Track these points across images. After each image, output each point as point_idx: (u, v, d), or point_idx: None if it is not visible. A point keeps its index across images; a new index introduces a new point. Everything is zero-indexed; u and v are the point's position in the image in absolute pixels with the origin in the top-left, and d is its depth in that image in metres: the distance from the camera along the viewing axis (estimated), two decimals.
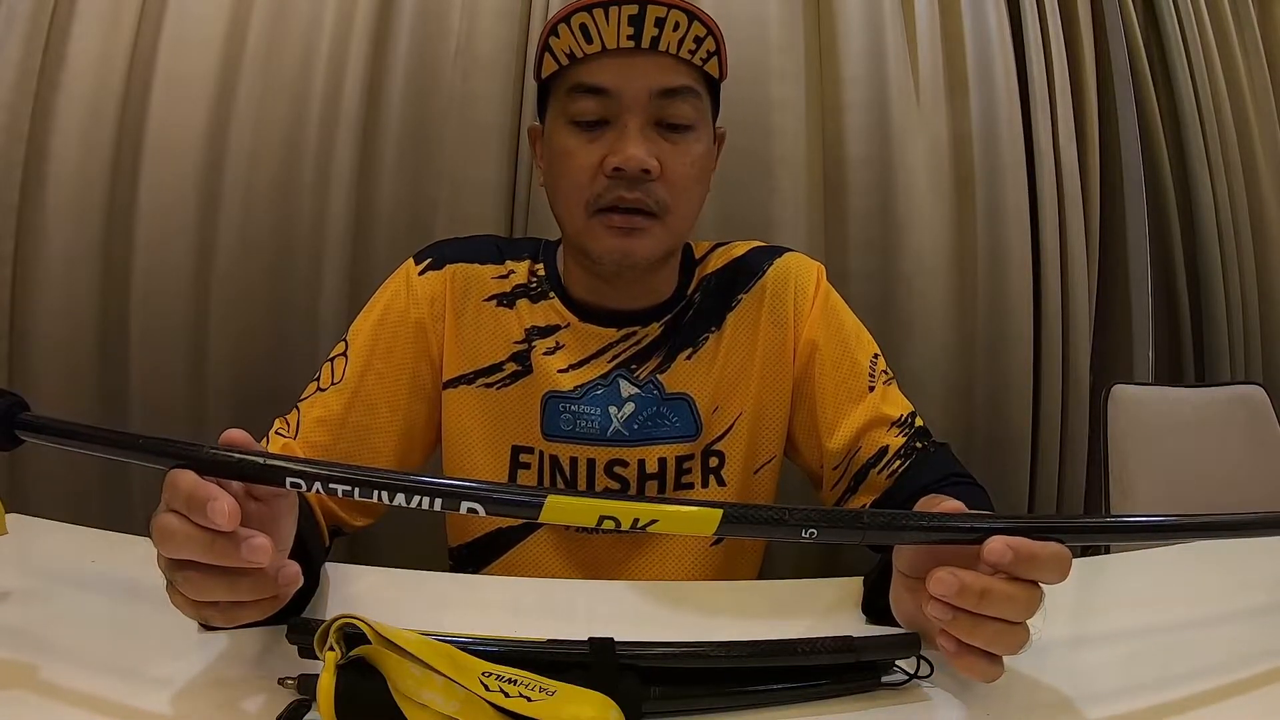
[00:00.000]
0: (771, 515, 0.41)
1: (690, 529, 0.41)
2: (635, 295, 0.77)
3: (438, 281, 0.78)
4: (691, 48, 0.69)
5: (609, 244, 0.70)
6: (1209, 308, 1.58)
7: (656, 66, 0.68)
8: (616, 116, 0.69)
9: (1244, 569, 0.70)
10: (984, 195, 1.41)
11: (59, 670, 0.45)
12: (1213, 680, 0.49)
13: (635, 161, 0.67)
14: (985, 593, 0.41)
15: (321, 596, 0.58)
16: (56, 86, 1.26)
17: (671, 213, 0.71)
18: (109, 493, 1.31)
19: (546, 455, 0.76)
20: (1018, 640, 0.43)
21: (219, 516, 0.39)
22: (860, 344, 0.79)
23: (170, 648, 0.48)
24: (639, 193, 0.69)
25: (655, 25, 0.67)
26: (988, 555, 0.41)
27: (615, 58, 0.68)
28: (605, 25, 0.67)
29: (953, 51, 1.44)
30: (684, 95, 0.70)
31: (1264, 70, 1.65)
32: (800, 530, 0.41)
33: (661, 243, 0.72)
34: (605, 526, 0.41)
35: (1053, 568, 0.42)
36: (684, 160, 0.71)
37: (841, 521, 0.42)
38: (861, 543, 0.42)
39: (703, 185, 0.75)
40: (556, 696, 0.39)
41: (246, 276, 1.30)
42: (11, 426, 0.44)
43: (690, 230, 0.76)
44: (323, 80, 1.30)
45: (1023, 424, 1.41)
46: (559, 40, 0.69)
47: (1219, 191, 1.58)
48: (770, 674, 0.45)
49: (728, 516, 0.40)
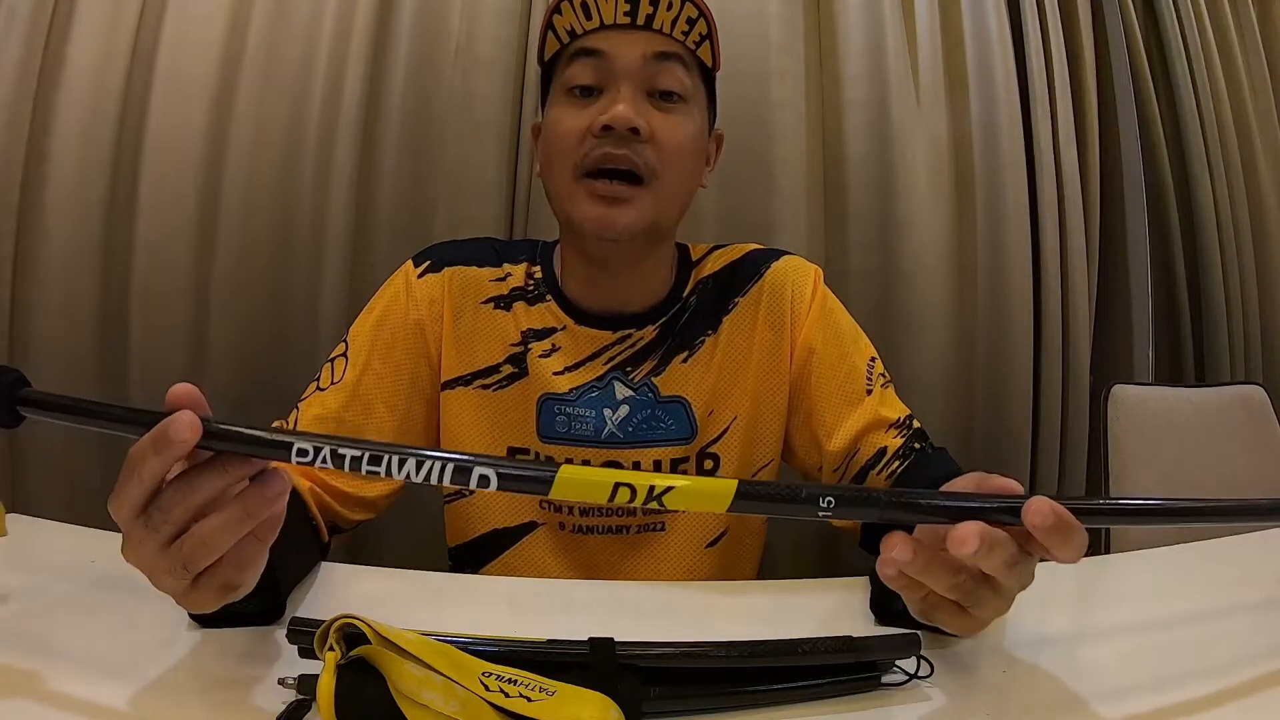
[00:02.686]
0: (786, 492, 0.41)
1: (704, 504, 0.41)
2: (631, 296, 0.77)
3: (436, 284, 0.78)
4: (685, 28, 0.71)
5: (591, 212, 0.70)
6: (1209, 308, 1.58)
7: (650, 38, 0.71)
8: (610, 82, 0.71)
9: (1244, 568, 0.70)
10: (984, 195, 1.42)
11: (59, 670, 0.45)
12: (1213, 680, 0.49)
13: (623, 119, 0.68)
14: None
15: (321, 596, 0.58)
16: (56, 86, 1.26)
17: (659, 179, 0.71)
18: (109, 493, 1.30)
19: (542, 457, 0.76)
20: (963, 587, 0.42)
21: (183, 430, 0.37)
22: (857, 347, 0.79)
23: (170, 648, 0.48)
24: (627, 150, 0.69)
25: (650, 3, 0.70)
26: (1030, 515, 0.39)
27: (612, 30, 0.71)
28: (604, 3, 0.70)
29: (953, 51, 1.44)
30: (675, 62, 0.72)
31: (1264, 70, 1.66)
32: (816, 505, 0.40)
33: (645, 213, 0.71)
34: (620, 498, 0.40)
35: (1077, 546, 0.41)
36: (675, 128, 0.71)
37: (857, 498, 0.42)
38: (879, 520, 0.42)
39: (694, 162, 0.75)
40: (556, 696, 0.39)
41: (246, 275, 1.30)
42: (13, 402, 0.43)
43: (679, 210, 0.76)
44: (323, 80, 1.30)
45: (1023, 424, 1.41)
46: (561, 18, 0.72)
47: (1219, 191, 1.58)
48: (770, 674, 0.45)
49: (741, 491, 0.40)
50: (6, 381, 0.43)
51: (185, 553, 0.40)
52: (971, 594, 0.42)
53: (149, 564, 0.41)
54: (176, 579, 0.41)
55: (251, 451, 0.40)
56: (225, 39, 1.30)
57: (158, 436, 0.38)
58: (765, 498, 0.41)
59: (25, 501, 1.26)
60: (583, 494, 0.40)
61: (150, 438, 0.39)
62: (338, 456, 0.39)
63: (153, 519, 0.39)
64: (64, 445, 1.28)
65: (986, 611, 0.44)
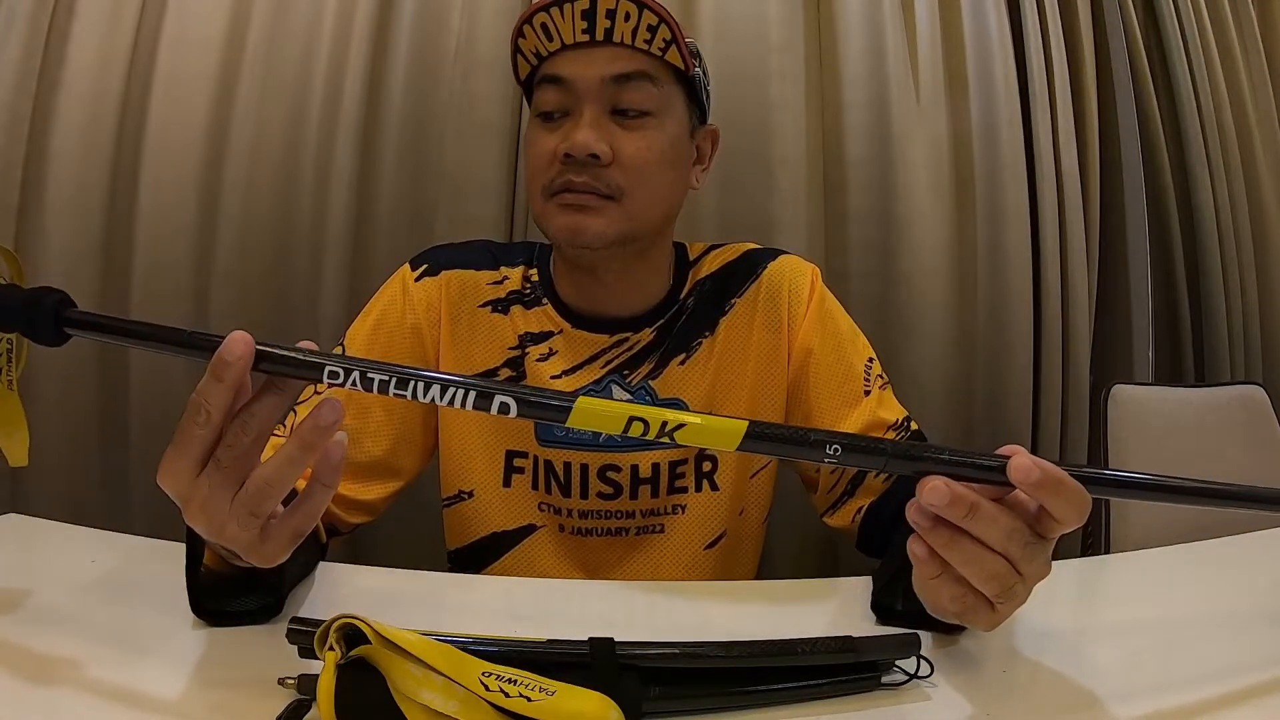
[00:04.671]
0: (795, 434, 0.42)
1: (715, 441, 0.42)
2: (625, 299, 0.77)
3: (434, 287, 0.78)
4: (647, 37, 0.70)
5: (560, 221, 0.71)
6: (1209, 308, 1.58)
7: (609, 56, 0.70)
8: (574, 106, 0.71)
9: (1244, 569, 0.71)
10: (984, 195, 1.41)
11: (59, 671, 0.45)
12: (1213, 680, 0.49)
13: (581, 146, 0.69)
14: (975, 508, 0.40)
15: (321, 596, 0.58)
16: (56, 86, 1.26)
17: (627, 196, 0.71)
18: (109, 493, 1.31)
19: (541, 460, 0.76)
20: (989, 570, 0.41)
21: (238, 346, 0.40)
22: (855, 348, 0.79)
23: (170, 648, 0.48)
24: (587, 176, 0.70)
25: (607, 17, 0.69)
26: (1014, 471, 0.39)
27: (573, 51, 0.71)
28: (562, 22, 0.70)
29: (953, 51, 1.44)
30: (637, 81, 0.71)
31: (1264, 70, 1.65)
32: (824, 449, 0.41)
33: (615, 224, 0.71)
34: (634, 431, 0.41)
35: (1074, 503, 0.40)
36: (639, 145, 0.71)
37: (864, 447, 0.42)
38: (884, 470, 0.42)
39: (671, 171, 0.74)
40: (556, 696, 0.39)
41: (246, 276, 1.30)
42: (60, 322, 0.44)
43: (659, 219, 0.75)
44: (323, 80, 1.30)
45: (1023, 424, 1.41)
46: (525, 41, 0.72)
47: (1219, 191, 1.58)
48: (770, 674, 0.45)
49: (751, 431, 0.41)
50: (52, 301, 0.44)
51: (251, 495, 0.41)
52: (1009, 589, 0.42)
53: (217, 515, 0.42)
54: (245, 528, 0.42)
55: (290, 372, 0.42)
56: (225, 39, 1.30)
57: (215, 363, 0.40)
58: (775, 439, 0.42)
59: (25, 501, 1.25)
60: (598, 424, 0.41)
61: (209, 369, 0.41)
62: (366, 379, 0.41)
63: (221, 460, 0.41)
64: (64, 445, 1.28)
65: (1013, 605, 0.43)
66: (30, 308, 0.44)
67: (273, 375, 0.42)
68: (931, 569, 0.43)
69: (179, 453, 0.41)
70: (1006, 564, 0.41)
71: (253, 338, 0.41)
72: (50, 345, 0.45)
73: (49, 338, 0.44)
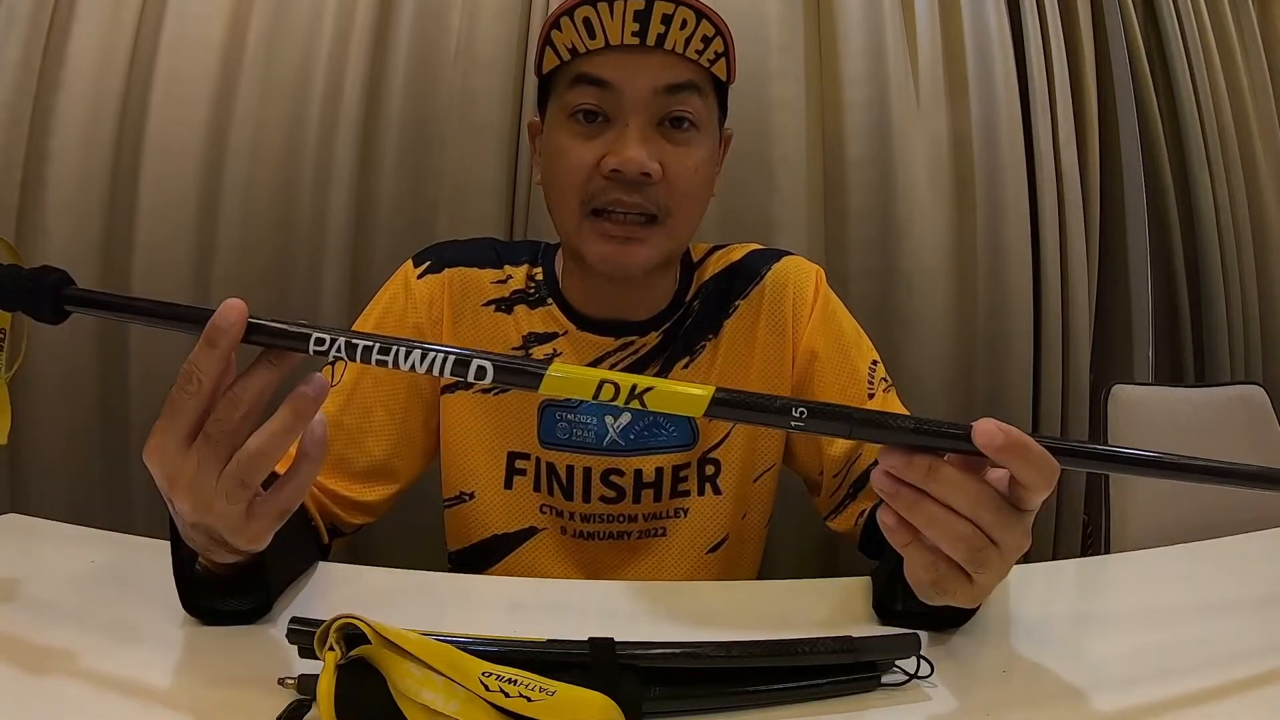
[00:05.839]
0: (760, 400, 0.42)
1: (681, 407, 0.42)
2: (634, 303, 0.76)
3: (436, 285, 0.77)
4: (699, 47, 0.66)
5: (603, 251, 0.68)
6: (1209, 308, 1.58)
7: (661, 64, 0.66)
8: (617, 114, 0.67)
9: (1244, 568, 0.71)
10: (984, 195, 1.42)
11: (59, 670, 0.45)
12: (1213, 680, 0.49)
13: (635, 164, 0.65)
14: (933, 468, 0.41)
15: (322, 596, 0.58)
16: (56, 86, 1.26)
17: (672, 217, 0.69)
18: (109, 493, 1.31)
19: (543, 462, 0.75)
20: (954, 531, 0.41)
21: (231, 313, 0.41)
22: (860, 351, 0.79)
23: (170, 648, 0.48)
24: (639, 197, 0.66)
25: (662, 22, 0.64)
26: (978, 436, 0.40)
27: (619, 53, 0.65)
28: (610, 20, 0.64)
29: (953, 51, 1.44)
30: (689, 92, 0.67)
31: (1264, 70, 1.66)
32: (789, 415, 0.41)
33: (659, 250, 0.69)
34: (604, 395, 0.41)
35: (1040, 469, 0.40)
36: (687, 164, 0.68)
37: (828, 413, 0.42)
38: (849, 437, 0.42)
39: (707, 190, 0.72)
40: (556, 696, 0.39)
41: (246, 276, 1.30)
42: (59, 300, 0.45)
43: (691, 237, 0.75)
44: (323, 80, 1.30)
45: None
46: (561, 34, 0.67)
47: (1219, 191, 1.58)
48: (770, 674, 0.45)
49: (718, 398, 0.42)
50: (52, 280, 0.45)
51: (243, 464, 0.42)
52: (978, 553, 0.42)
53: (204, 491, 0.42)
54: (233, 500, 0.42)
55: (278, 343, 0.43)
56: (225, 39, 1.30)
57: (210, 329, 0.41)
58: (740, 405, 0.42)
59: (25, 501, 1.25)
60: (569, 390, 0.42)
61: (203, 337, 0.41)
62: (350, 346, 0.42)
63: (210, 434, 0.41)
64: (64, 445, 1.28)
65: (990, 576, 0.43)
66: (31, 283, 0.45)
67: (258, 345, 0.43)
68: (901, 536, 0.43)
69: (168, 424, 0.42)
70: (972, 527, 0.41)
71: (246, 308, 0.42)
72: (50, 323, 0.46)
73: (49, 315, 0.45)
